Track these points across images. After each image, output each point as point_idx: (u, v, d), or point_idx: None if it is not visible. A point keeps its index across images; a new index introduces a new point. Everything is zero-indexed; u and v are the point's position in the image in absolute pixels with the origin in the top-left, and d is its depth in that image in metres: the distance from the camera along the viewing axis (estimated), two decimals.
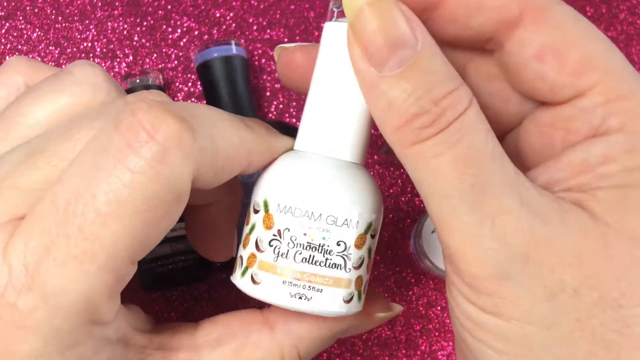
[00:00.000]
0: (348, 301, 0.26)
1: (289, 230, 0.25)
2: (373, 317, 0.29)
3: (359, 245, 0.26)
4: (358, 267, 0.26)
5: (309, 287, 0.26)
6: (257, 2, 0.48)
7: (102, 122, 0.23)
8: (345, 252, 0.26)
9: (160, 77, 0.44)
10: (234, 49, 0.43)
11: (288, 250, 0.25)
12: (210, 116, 0.23)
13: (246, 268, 0.27)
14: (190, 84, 0.47)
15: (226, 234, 0.30)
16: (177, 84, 0.47)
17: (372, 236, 0.27)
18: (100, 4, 0.48)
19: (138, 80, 0.43)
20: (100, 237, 0.21)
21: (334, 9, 0.26)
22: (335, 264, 0.26)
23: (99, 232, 0.21)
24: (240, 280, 0.27)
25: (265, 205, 0.26)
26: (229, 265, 0.41)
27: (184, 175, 0.21)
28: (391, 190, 0.45)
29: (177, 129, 0.21)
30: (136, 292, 0.44)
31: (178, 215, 0.23)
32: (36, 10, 0.48)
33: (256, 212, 0.27)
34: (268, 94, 0.46)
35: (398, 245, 0.44)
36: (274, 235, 0.26)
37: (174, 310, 0.44)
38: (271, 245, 0.26)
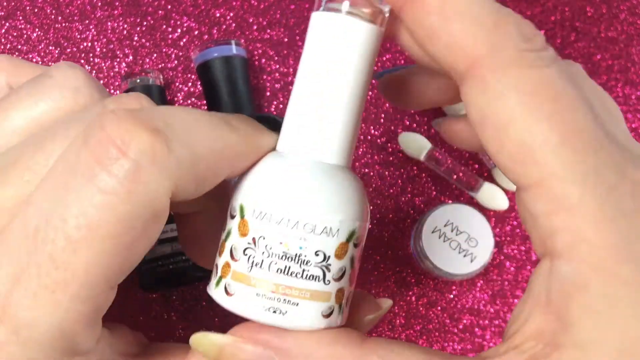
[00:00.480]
0: (327, 315, 0.24)
1: (264, 239, 0.23)
2: (363, 321, 0.26)
3: (339, 255, 0.24)
4: (339, 279, 0.24)
5: (284, 300, 0.24)
6: (257, 2, 0.48)
7: (77, 130, 0.21)
8: (324, 263, 0.24)
9: (161, 77, 0.44)
10: (234, 49, 0.43)
11: (263, 260, 0.23)
12: (187, 121, 0.21)
13: (220, 278, 0.25)
14: (190, 84, 0.47)
15: (216, 241, 0.27)
16: (177, 84, 0.47)
17: (355, 245, 0.24)
18: (100, 4, 0.48)
19: (138, 80, 0.43)
20: (72, 265, 0.19)
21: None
22: (313, 276, 0.24)
23: (70, 259, 0.19)
24: (214, 290, 0.25)
25: (241, 210, 0.24)
26: None
27: (160, 192, 0.20)
28: (391, 190, 0.45)
29: (150, 142, 0.19)
30: (136, 292, 0.44)
31: (157, 233, 0.21)
32: (36, 10, 0.48)
33: (232, 217, 0.24)
34: (268, 94, 0.46)
35: (398, 245, 0.44)
36: (248, 243, 0.24)
37: (174, 310, 0.44)
38: (245, 254, 0.24)
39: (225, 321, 0.44)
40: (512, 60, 0.20)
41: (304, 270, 0.23)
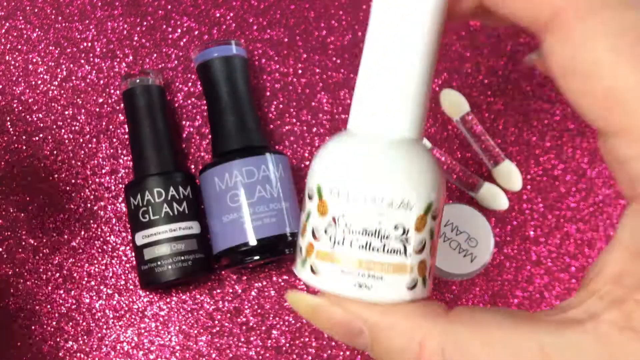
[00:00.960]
0: (411, 288, 0.25)
1: (343, 216, 0.24)
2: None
3: (419, 228, 0.24)
4: (420, 252, 0.25)
5: (369, 275, 0.24)
6: (257, 2, 0.48)
7: None
8: (404, 236, 0.24)
9: (161, 77, 0.44)
10: (234, 49, 0.43)
11: (344, 238, 0.24)
12: None
13: (305, 258, 0.25)
14: (190, 84, 0.47)
15: None
16: (177, 84, 0.47)
17: (434, 217, 0.25)
18: (100, 4, 0.48)
19: (138, 80, 0.43)
20: None
21: None
22: (394, 250, 0.24)
23: None
24: (301, 270, 0.26)
25: (319, 191, 0.25)
26: (229, 265, 0.41)
27: None
28: None
29: None
30: (135, 291, 0.44)
31: None
32: (36, 10, 0.48)
33: (310, 198, 0.25)
34: (268, 94, 0.46)
35: None
36: (329, 222, 0.24)
37: (174, 310, 0.44)
38: (327, 233, 0.24)
39: (221, 319, 0.44)
40: (596, 5, 0.20)
41: (384, 245, 0.24)
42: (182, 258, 0.40)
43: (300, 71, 0.46)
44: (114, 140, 0.46)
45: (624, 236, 0.21)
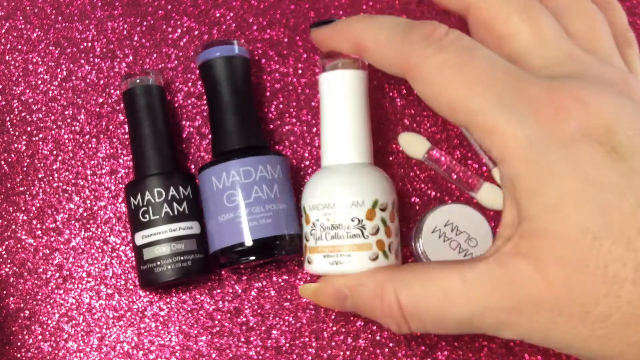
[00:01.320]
0: (374, 259, 0.35)
1: (318, 220, 0.36)
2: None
3: (370, 217, 0.35)
4: (375, 233, 0.35)
5: (340, 254, 0.35)
6: (257, 2, 0.48)
7: None
8: (360, 225, 0.35)
9: (161, 77, 0.44)
10: (236, 49, 0.43)
11: (321, 234, 0.36)
12: None
13: (305, 256, 0.37)
14: (190, 84, 0.47)
15: None
16: (177, 84, 0.47)
17: (382, 209, 0.36)
18: (100, 4, 0.48)
19: (138, 80, 0.43)
20: None
21: (323, 63, 0.37)
22: (355, 235, 0.35)
23: None
24: (305, 265, 0.37)
25: (304, 209, 0.37)
26: (228, 264, 0.41)
27: None
28: None
29: None
30: (135, 291, 0.44)
31: None
32: (36, 10, 0.48)
33: (302, 215, 0.38)
34: (268, 94, 0.46)
35: None
36: (311, 227, 0.36)
37: (174, 310, 0.44)
38: (312, 235, 0.36)
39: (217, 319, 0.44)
40: (420, 56, 0.32)
41: (347, 233, 0.35)
42: (182, 258, 0.40)
43: (300, 71, 0.46)
44: (114, 140, 0.46)
45: (505, 192, 0.32)
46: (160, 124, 0.43)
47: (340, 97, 0.37)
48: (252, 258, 0.40)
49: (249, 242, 0.39)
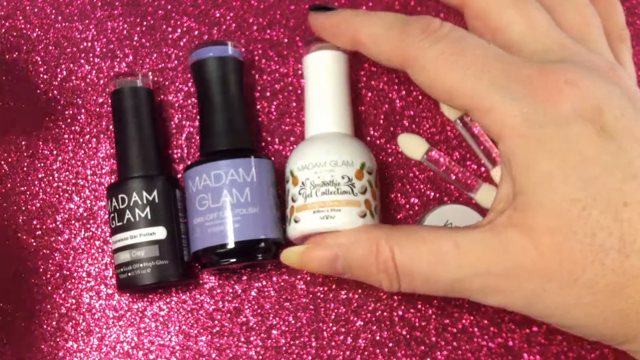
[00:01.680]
0: (362, 217, 0.37)
1: (308, 179, 0.37)
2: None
3: (359, 177, 0.37)
4: (363, 193, 0.37)
5: (331, 209, 0.36)
6: (257, 2, 0.48)
7: None
8: (350, 182, 0.37)
9: (149, 78, 0.44)
10: (229, 50, 0.43)
11: (311, 192, 0.37)
12: None
13: (290, 218, 0.38)
14: (190, 84, 0.47)
15: None
16: (177, 84, 0.47)
17: (369, 173, 0.38)
18: (100, 3, 0.48)
19: (126, 82, 0.43)
20: None
21: (308, 46, 0.42)
22: (345, 191, 0.37)
23: None
24: (289, 230, 0.38)
25: (292, 172, 0.39)
26: (213, 265, 0.41)
27: None
28: (390, 191, 0.45)
29: None
30: (135, 292, 0.44)
31: None
32: (36, 10, 0.48)
33: (287, 182, 0.39)
34: (268, 94, 0.46)
35: None
36: (300, 187, 0.38)
37: (174, 310, 0.44)
38: (300, 194, 0.38)
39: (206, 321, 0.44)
40: (418, 49, 0.34)
41: (337, 189, 0.37)
42: (141, 265, 0.40)
43: (300, 71, 0.47)
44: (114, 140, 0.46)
45: (505, 170, 0.33)
46: (145, 126, 0.43)
47: (325, 75, 0.41)
48: (233, 260, 0.40)
49: (231, 245, 0.39)
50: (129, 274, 0.40)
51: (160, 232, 0.41)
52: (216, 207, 0.40)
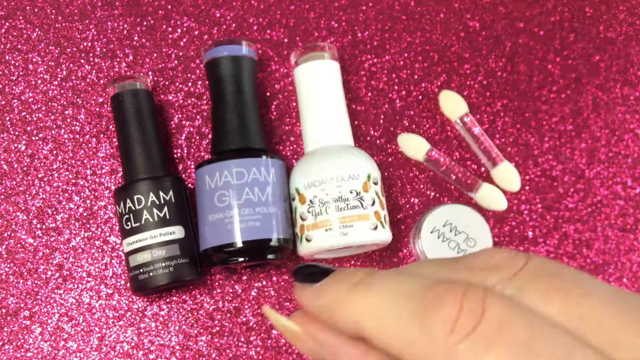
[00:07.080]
0: (374, 229, 0.37)
1: (316, 197, 0.37)
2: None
3: (366, 189, 0.37)
4: (372, 205, 0.38)
5: (343, 226, 0.37)
6: (257, 2, 0.48)
7: None
8: (358, 197, 0.37)
9: (148, 81, 0.44)
10: (244, 50, 0.43)
11: (320, 209, 0.37)
12: None
13: (301, 236, 0.39)
14: (190, 84, 0.47)
15: None
16: (177, 83, 0.47)
17: (375, 183, 0.38)
18: (100, 3, 0.48)
19: (126, 85, 0.43)
20: None
21: (297, 58, 0.42)
22: (355, 206, 0.37)
23: None
24: (300, 248, 0.39)
25: (297, 190, 0.39)
26: (215, 263, 0.41)
27: None
28: (390, 191, 0.45)
29: None
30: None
31: None
32: (36, 9, 0.48)
33: (293, 199, 0.39)
34: (268, 94, 0.46)
35: (397, 245, 0.44)
36: (309, 204, 0.38)
37: (174, 310, 0.44)
38: (310, 212, 0.38)
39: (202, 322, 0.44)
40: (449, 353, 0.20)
41: (347, 204, 0.37)
42: (163, 265, 0.40)
43: None
44: (114, 140, 0.46)
45: None
46: (149, 128, 0.43)
47: (319, 86, 0.40)
48: (242, 259, 0.40)
49: (239, 244, 0.39)
50: (151, 274, 0.40)
51: (179, 231, 0.41)
52: (238, 204, 0.40)
